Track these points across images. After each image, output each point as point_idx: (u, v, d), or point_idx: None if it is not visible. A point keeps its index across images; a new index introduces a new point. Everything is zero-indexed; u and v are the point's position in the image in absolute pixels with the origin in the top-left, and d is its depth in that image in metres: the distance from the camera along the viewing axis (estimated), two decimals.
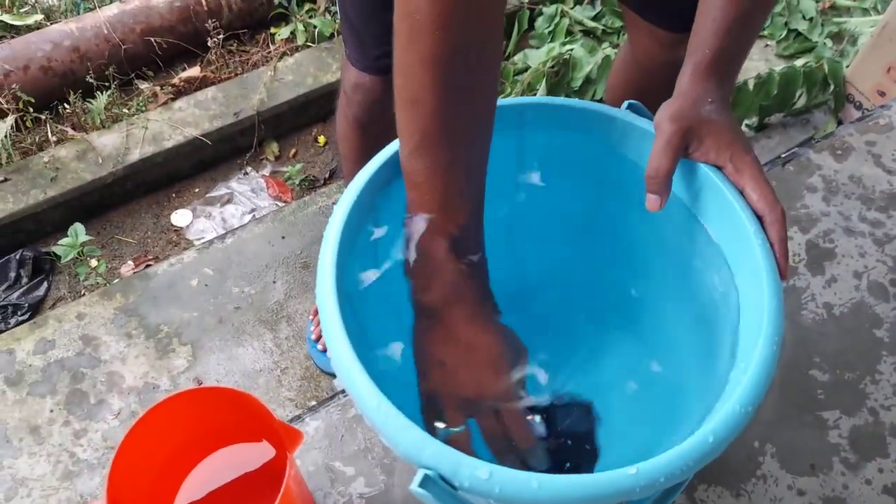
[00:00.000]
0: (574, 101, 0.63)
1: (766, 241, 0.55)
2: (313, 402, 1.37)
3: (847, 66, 1.67)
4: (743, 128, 1.68)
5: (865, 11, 1.89)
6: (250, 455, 0.72)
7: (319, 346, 1.39)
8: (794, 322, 0.88)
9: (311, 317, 1.44)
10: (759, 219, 0.56)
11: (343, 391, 0.85)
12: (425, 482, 0.45)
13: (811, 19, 1.88)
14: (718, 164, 0.58)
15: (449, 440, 0.53)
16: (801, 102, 1.69)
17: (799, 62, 1.68)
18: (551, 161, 0.68)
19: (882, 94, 1.58)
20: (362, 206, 0.58)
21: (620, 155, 0.64)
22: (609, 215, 0.70)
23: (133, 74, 1.85)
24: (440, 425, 0.55)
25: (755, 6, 0.60)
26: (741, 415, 0.48)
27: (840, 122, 1.69)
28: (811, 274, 0.92)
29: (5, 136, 1.56)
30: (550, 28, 1.89)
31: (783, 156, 1.04)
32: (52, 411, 1.33)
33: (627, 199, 0.65)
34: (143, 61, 1.85)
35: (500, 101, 0.62)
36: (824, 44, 1.82)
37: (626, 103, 0.63)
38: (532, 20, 1.93)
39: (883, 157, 1.02)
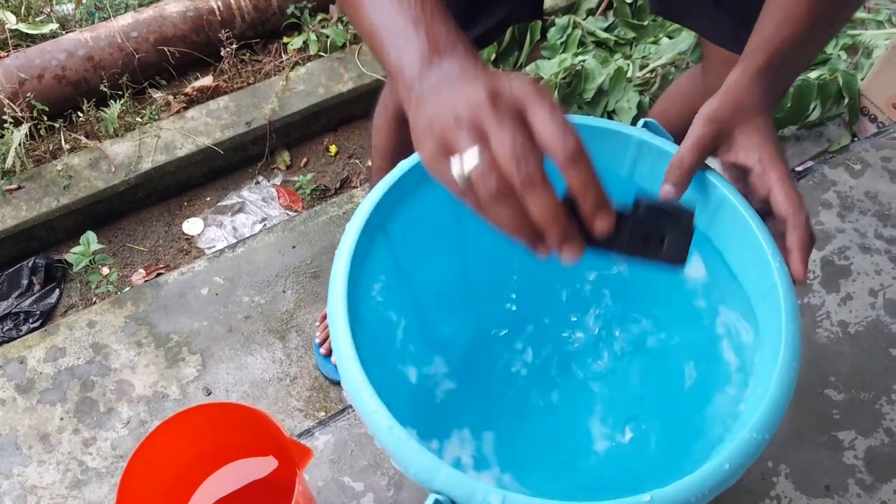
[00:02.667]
0: (590, 119, 0.63)
1: (783, 265, 0.55)
2: (322, 413, 1.37)
3: (861, 79, 1.66)
4: None
5: (880, 24, 1.87)
6: (259, 470, 0.72)
7: (322, 350, 1.39)
8: (808, 340, 0.87)
9: (317, 323, 1.44)
10: (783, 222, 0.55)
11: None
12: None
13: None
14: (747, 166, 0.56)
15: (469, 184, 0.41)
16: (815, 115, 1.68)
17: (813, 74, 1.67)
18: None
19: None
20: (374, 223, 0.58)
21: (633, 181, 0.64)
22: None
23: (146, 83, 1.86)
24: (455, 169, 0.41)
25: (827, 19, 0.58)
26: (757, 442, 0.47)
27: (854, 135, 1.68)
28: (826, 291, 0.91)
29: (19, 145, 1.57)
30: (563, 39, 1.89)
31: (798, 170, 1.03)
32: (61, 419, 1.33)
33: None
34: (156, 70, 1.86)
35: None
36: (839, 56, 1.81)
37: (642, 122, 0.63)
38: (544, 31, 1.93)
39: None
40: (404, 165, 0.60)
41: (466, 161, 0.40)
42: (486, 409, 0.72)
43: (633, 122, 0.93)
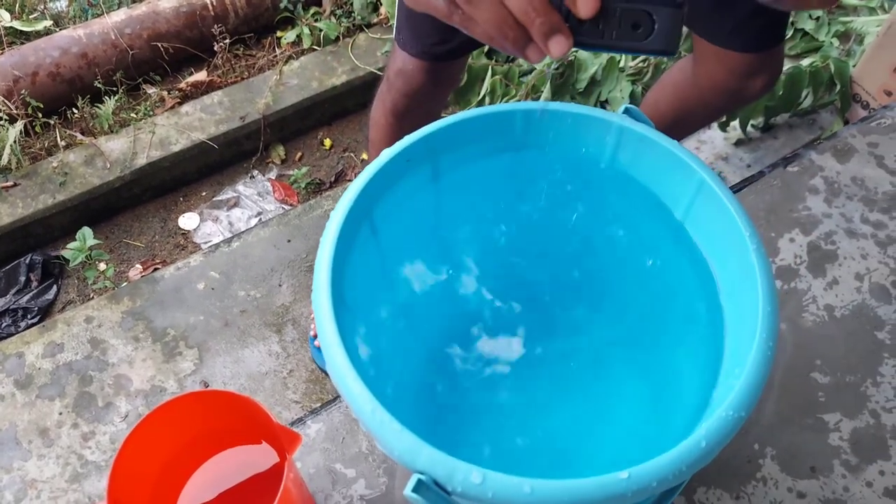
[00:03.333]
0: (572, 107, 0.63)
1: (761, 246, 0.55)
2: (318, 405, 1.38)
3: (853, 66, 1.67)
4: (749, 128, 1.67)
5: (872, 11, 1.88)
6: (251, 457, 0.73)
7: (317, 343, 1.40)
8: (795, 325, 0.88)
9: (312, 316, 1.46)
10: None
11: None
12: (419, 487, 0.45)
13: (818, 18, 1.87)
14: None
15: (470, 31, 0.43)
16: (807, 102, 1.68)
17: (805, 62, 1.67)
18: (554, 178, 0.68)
19: (889, 93, 1.58)
20: (359, 210, 0.59)
21: (615, 167, 0.64)
22: (597, 226, 0.70)
23: (140, 79, 1.87)
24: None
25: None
26: (734, 419, 0.48)
27: (847, 122, 1.68)
28: (812, 276, 0.92)
29: (14, 142, 1.58)
30: None
31: (787, 157, 1.04)
32: (60, 414, 1.34)
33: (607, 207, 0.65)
34: (150, 66, 1.87)
35: (500, 107, 0.63)
36: (831, 43, 1.81)
37: (622, 107, 0.64)
38: None
39: (886, 159, 1.02)
40: (389, 153, 0.61)
41: None
42: (470, 401, 0.73)
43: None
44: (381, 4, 1.98)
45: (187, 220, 1.75)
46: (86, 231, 1.52)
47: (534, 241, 0.74)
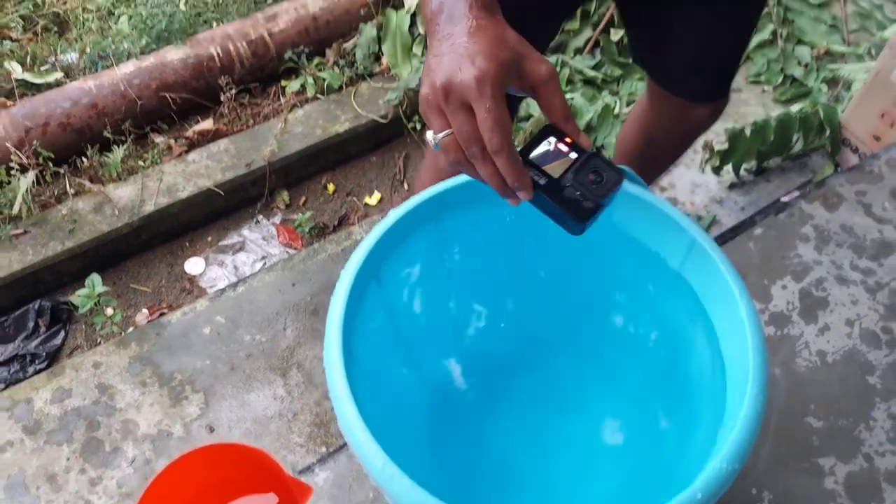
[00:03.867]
0: None
1: (751, 302, 0.58)
2: (323, 448, 1.39)
3: (842, 112, 1.72)
4: (742, 172, 1.72)
5: (860, 58, 1.93)
6: None
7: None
8: (788, 369, 0.90)
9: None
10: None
11: None
12: None
13: (806, 65, 1.93)
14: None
15: (442, 147, 0.54)
16: (798, 147, 1.73)
17: (795, 107, 1.72)
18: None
19: (877, 138, 1.62)
20: (368, 268, 0.62)
21: (613, 224, 0.68)
22: (598, 280, 0.73)
23: (148, 128, 1.92)
24: (429, 137, 0.56)
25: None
26: (728, 472, 0.51)
27: (837, 166, 1.72)
28: (804, 322, 0.94)
29: (26, 192, 1.62)
30: None
31: (784, 200, 1.07)
32: (68, 459, 1.36)
33: (612, 265, 0.68)
34: (158, 115, 1.92)
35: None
36: (820, 89, 1.87)
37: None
38: None
39: (873, 207, 1.06)
40: (396, 213, 0.64)
41: (434, 136, 0.56)
42: (475, 441, 0.75)
43: None
44: (382, 55, 2.04)
45: (193, 265, 1.78)
46: (94, 278, 1.55)
47: (535, 293, 0.77)
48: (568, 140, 0.58)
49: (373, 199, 1.90)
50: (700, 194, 1.72)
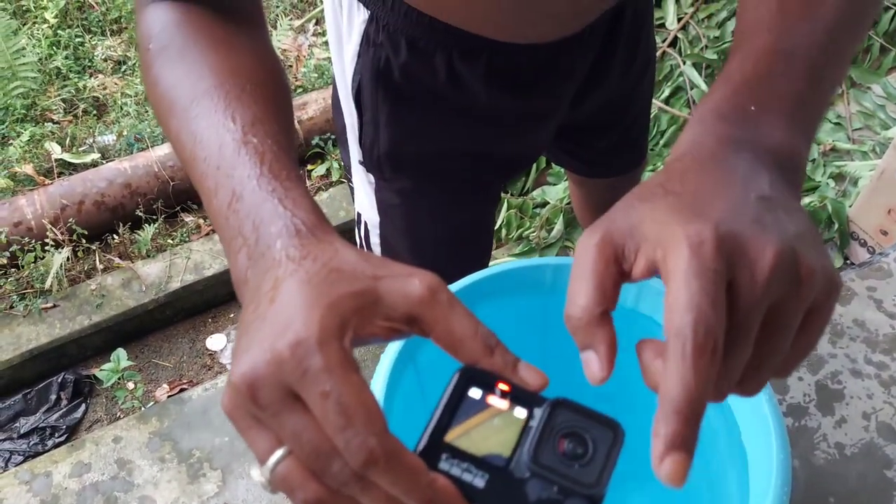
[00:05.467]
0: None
1: (773, 396, 0.61)
2: None
3: (850, 206, 1.77)
4: None
5: (864, 155, 2.01)
6: None
7: None
8: (807, 462, 0.92)
9: None
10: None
11: None
12: None
13: (813, 160, 2.00)
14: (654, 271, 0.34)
15: (280, 483, 0.31)
16: None
17: (804, 201, 1.78)
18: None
19: (885, 233, 1.67)
20: (405, 355, 0.66)
21: (638, 313, 0.71)
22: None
23: (179, 207, 1.99)
24: (256, 476, 0.32)
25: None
26: None
27: (846, 258, 1.77)
28: (822, 414, 0.96)
29: (60, 267, 1.67)
30: None
31: None
32: None
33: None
34: (188, 195, 1.99)
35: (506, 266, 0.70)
36: (827, 184, 1.93)
37: None
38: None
39: (884, 303, 1.09)
40: None
41: (262, 471, 0.32)
42: None
43: None
44: None
45: (215, 342, 1.82)
46: (120, 353, 1.59)
47: (566, 381, 0.80)
48: (504, 386, 0.34)
49: None
50: None
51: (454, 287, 0.69)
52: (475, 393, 0.34)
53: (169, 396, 1.65)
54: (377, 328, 0.34)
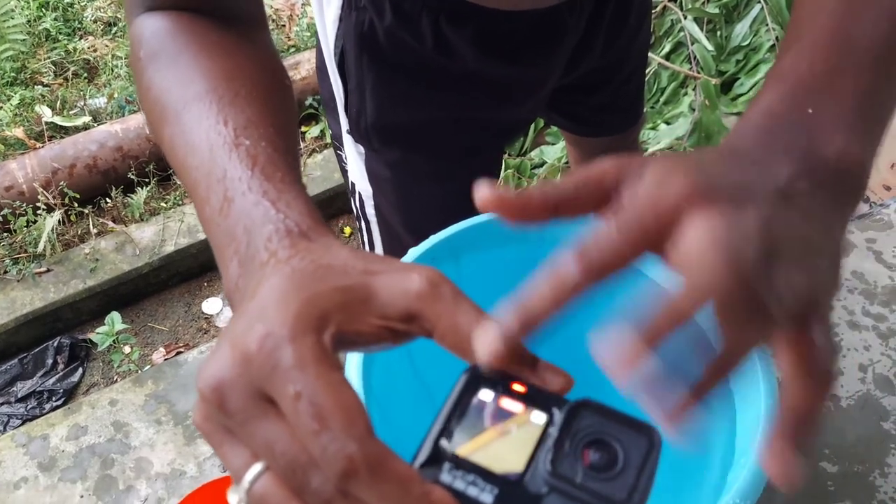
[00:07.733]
0: None
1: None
2: None
3: None
4: None
5: None
6: None
7: None
8: None
9: None
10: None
11: None
12: None
13: None
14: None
15: (257, 501, 0.27)
16: None
17: None
18: None
19: (888, 188, 1.64)
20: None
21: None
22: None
23: (171, 170, 1.97)
24: (232, 498, 0.28)
25: None
26: None
27: None
28: None
29: (51, 231, 1.66)
30: None
31: None
32: (81, 497, 1.36)
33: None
34: None
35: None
36: None
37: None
38: None
39: (884, 254, 1.07)
40: (415, 252, 0.66)
41: (237, 490, 0.28)
42: None
43: None
44: None
45: (210, 305, 1.81)
46: (115, 316, 1.58)
47: (560, 343, 0.78)
48: (519, 386, 0.30)
49: None
50: None
51: (436, 237, 0.67)
52: (485, 395, 0.29)
53: (165, 359, 1.65)
54: (370, 327, 0.30)
